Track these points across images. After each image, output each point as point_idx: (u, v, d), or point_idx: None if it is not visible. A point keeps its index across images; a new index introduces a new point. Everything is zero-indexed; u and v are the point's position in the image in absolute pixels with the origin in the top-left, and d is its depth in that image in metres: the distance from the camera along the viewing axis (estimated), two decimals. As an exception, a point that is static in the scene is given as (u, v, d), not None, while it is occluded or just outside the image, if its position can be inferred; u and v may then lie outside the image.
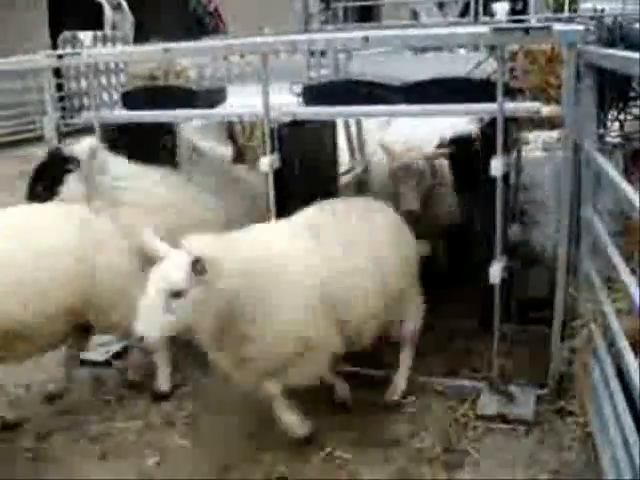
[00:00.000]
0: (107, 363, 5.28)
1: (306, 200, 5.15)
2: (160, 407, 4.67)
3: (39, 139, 6.11)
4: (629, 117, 4.65)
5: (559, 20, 6.98)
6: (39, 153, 5.11)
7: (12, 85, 15.58)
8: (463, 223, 5.71)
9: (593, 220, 4.01)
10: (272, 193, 4.74)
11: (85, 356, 5.25)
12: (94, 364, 5.25)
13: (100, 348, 5.37)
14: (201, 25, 17.58)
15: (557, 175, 4.53)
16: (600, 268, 3.95)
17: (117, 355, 5.36)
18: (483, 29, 4.13)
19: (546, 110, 4.36)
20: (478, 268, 4.61)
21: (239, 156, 6.85)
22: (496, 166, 4.20)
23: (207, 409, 4.63)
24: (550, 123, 5.17)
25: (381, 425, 4.34)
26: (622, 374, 3.34)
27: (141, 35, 11.24)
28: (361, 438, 4.23)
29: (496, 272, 4.28)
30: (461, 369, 4.89)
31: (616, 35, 4.28)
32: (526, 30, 3.90)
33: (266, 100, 4.60)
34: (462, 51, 7.81)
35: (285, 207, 4.86)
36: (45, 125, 5.37)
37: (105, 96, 5.95)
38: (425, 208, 5.44)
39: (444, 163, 5.66)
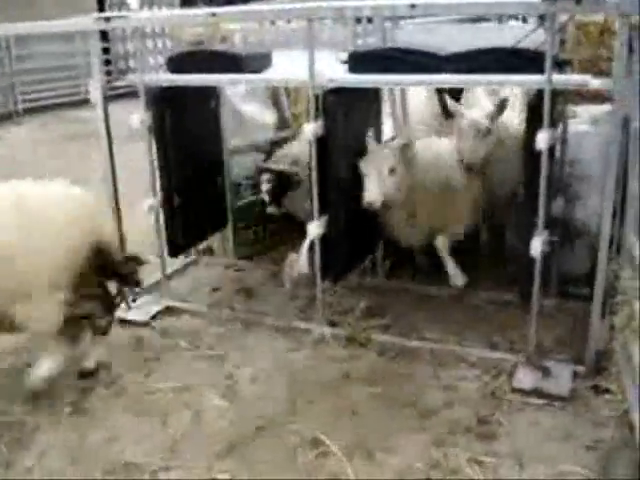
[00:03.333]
0: (147, 324, 5.38)
1: (350, 167, 5.16)
2: (199, 368, 4.74)
3: (85, 102, 6.16)
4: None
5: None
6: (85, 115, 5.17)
7: (59, 48, 15.74)
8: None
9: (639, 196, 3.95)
10: (315, 161, 4.74)
11: (126, 316, 5.35)
12: (135, 324, 5.35)
13: (141, 309, 5.47)
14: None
15: (603, 149, 4.45)
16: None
17: (156, 316, 5.46)
18: (533, -2, 4.05)
19: (595, 83, 4.28)
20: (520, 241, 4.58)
21: (283, 122, 6.86)
22: (542, 139, 4.14)
23: (246, 372, 4.68)
24: (600, 96, 5.07)
25: (416, 395, 4.36)
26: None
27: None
28: (395, 406, 4.26)
29: (537, 246, 4.25)
30: (498, 342, 4.88)
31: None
32: (577, -1, 3.81)
33: (311, 66, 4.58)
34: (513, 22, 7.64)
35: (328, 175, 4.88)
36: (91, 88, 5.42)
37: (151, 60, 5.98)
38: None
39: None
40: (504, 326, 5.08)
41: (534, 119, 4.33)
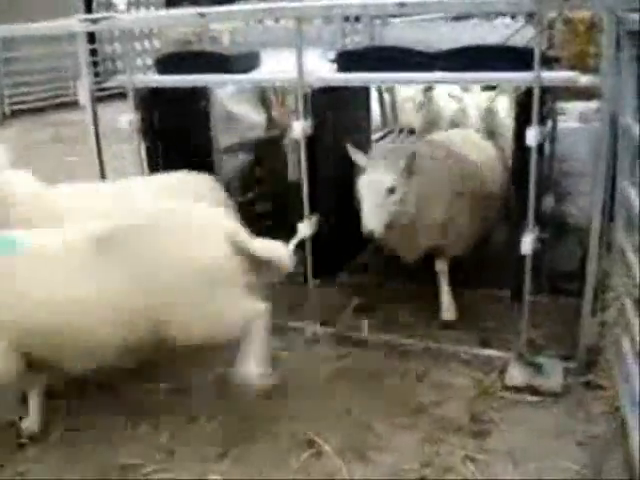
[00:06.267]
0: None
1: (339, 166, 5.16)
2: (192, 372, 4.72)
3: (74, 104, 6.12)
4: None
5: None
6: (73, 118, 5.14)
7: (46, 50, 15.65)
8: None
9: (629, 193, 3.95)
10: (304, 160, 4.73)
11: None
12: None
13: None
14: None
15: (593, 146, 4.46)
16: (634, 242, 3.90)
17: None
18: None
19: (584, 80, 4.29)
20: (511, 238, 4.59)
21: (272, 122, 6.85)
22: (531, 136, 4.15)
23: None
24: (588, 93, 5.09)
25: (408, 393, 4.36)
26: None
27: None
28: (387, 405, 4.26)
29: (528, 243, 4.25)
30: (490, 339, 4.89)
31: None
32: (565, -4, 3.82)
33: (300, 65, 4.57)
34: (507, 20, 7.66)
35: (317, 174, 4.87)
36: (79, 90, 5.38)
37: (139, 61, 5.96)
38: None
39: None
40: (495, 323, 5.09)
41: (523, 116, 4.34)
